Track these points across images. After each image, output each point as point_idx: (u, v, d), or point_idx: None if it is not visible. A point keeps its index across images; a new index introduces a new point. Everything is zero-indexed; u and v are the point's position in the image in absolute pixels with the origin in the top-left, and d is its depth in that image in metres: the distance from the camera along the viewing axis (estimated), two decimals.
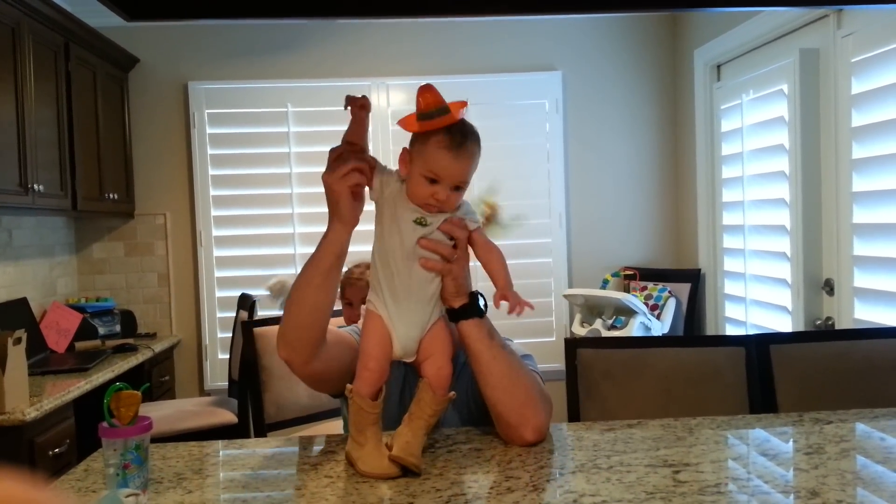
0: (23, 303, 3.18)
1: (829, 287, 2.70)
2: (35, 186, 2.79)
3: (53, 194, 3.00)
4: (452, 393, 1.30)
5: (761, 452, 1.34)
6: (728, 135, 3.38)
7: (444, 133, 1.23)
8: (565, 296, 3.81)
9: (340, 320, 2.39)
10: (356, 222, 1.29)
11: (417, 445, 1.24)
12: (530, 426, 1.34)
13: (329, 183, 1.26)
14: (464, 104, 1.25)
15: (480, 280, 1.34)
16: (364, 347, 1.29)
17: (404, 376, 1.53)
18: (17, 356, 2.27)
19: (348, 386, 1.27)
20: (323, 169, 1.28)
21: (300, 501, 1.17)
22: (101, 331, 3.51)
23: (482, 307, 1.34)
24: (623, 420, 1.55)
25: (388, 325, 1.27)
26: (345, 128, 1.35)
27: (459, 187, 1.26)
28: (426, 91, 1.23)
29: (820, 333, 2.50)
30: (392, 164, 1.32)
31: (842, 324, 2.60)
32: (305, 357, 1.34)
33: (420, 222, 1.25)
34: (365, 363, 1.27)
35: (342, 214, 1.27)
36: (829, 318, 2.70)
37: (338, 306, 2.45)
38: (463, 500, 1.12)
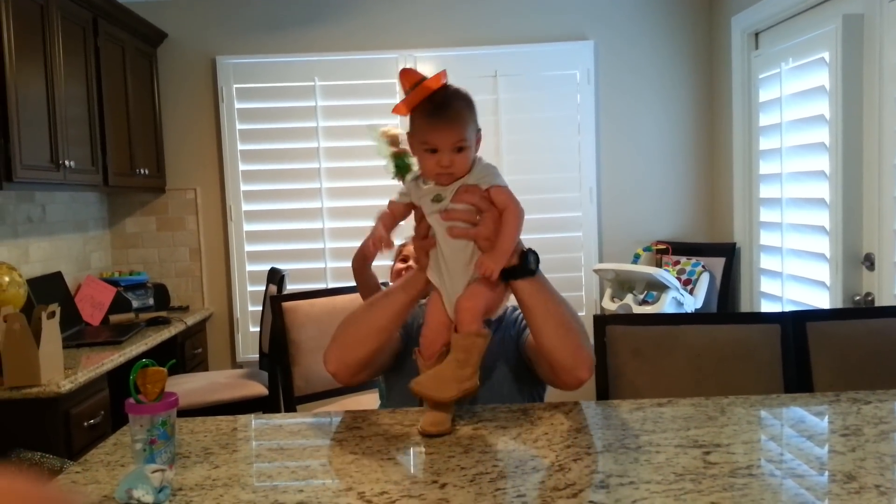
0: (58, 276, 3.23)
1: (869, 262, 2.62)
2: (66, 162, 2.81)
3: (85, 170, 3.02)
4: (487, 331, 1.36)
5: (796, 433, 1.30)
6: (766, 105, 3.28)
7: (425, 103, 1.30)
8: (595, 270, 3.77)
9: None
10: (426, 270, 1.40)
11: (435, 378, 1.31)
12: (585, 366, 1.39)
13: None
14: (441, 73, 1.31)
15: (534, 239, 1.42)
16: (425, 318, 1.41)
17: None
18: (51, 329, 2.31)
19: (415, 350, 1.40)
20: (351, 143, 1.34)
21: (325, 477, 1.17)
22: (135, 304, 3.56)
23: (533, 265, 1.37)
24: (653, 399, 1.52)
25: (441, 292, 1.37)
26: (372, 102, 1.42)
27: (461, 148, 1.30)
28: (402, 74, 1.31)
29: (858, 311, 2.43)
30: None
31: (882, 300, 2.52)
32: (356, 372, 1.47)
33: (436, 199, 1.33)
34: (423, 332, 1.40)
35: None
36: (868, 294, 2.62)
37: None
38: (488, 479, 1.11)
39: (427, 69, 3.83)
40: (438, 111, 1.29)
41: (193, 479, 1.16)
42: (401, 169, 2.40)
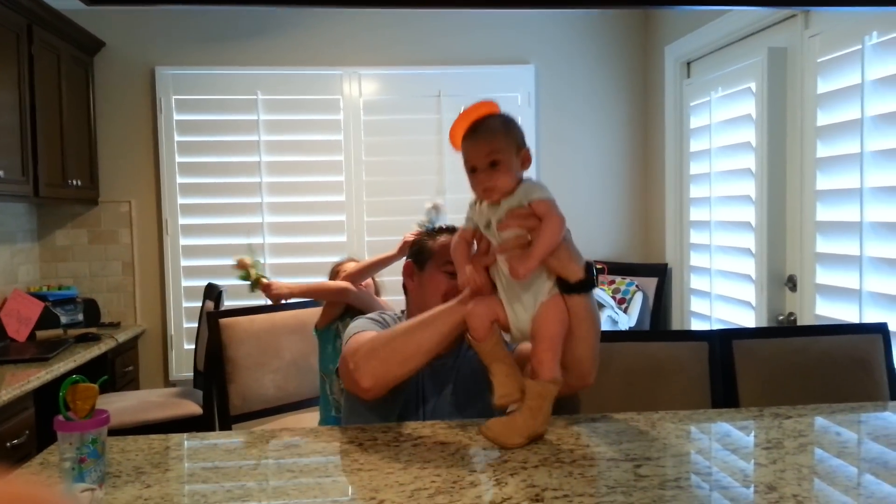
0: None
1: (791, 283, 2.74)
2: None
3: (14, 180, 2.92)
4: (560, 378, 1.36)
5: (722, 447, 1.36)
6: (697, 131, 3.42)
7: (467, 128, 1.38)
8: None
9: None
10: None
11: (507, 425, 1.34)
12: (596, 370, 1.48)
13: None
14: (484, 103, 1.38)
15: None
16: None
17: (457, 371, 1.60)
18: None
19: (466, 335, 1.41)
20: (293, 158, 1.32)
21: (261, 496, 1.16)
22: (64, 319, 3.44)
23: (595, 279, 1.42)
24: (587, 414, 1.56)
25: (508, 314, 1.39)
26: (314, 117, 1.42)
27: (494, 162, 1.34)
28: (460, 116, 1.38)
29: (781, 329, 2.54)
30: (355, 157, 1.36)
31: (803, 319, 2.64)
32: (389, 389, 1.44)
33: (487, 226, 1.37)
34: (473, 311, 1.40)
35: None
36: (791, 314, 2.74)
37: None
38: (426, 495, 1.12)
39: (371, 87, 3.87)
40: (471, 130, 1.36)
41: (124, 499, 1.13)
42: (247, 279, 2.60)
